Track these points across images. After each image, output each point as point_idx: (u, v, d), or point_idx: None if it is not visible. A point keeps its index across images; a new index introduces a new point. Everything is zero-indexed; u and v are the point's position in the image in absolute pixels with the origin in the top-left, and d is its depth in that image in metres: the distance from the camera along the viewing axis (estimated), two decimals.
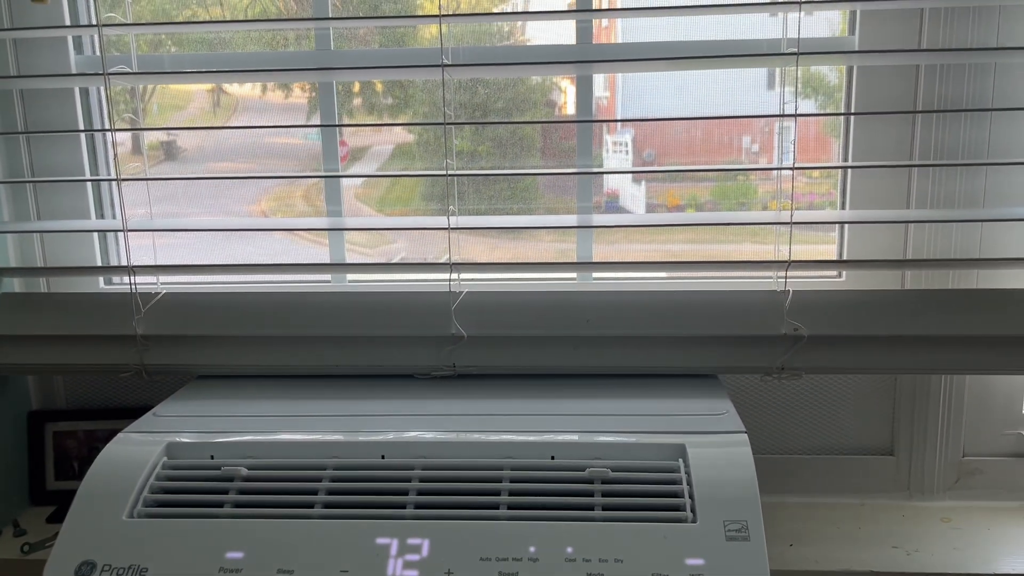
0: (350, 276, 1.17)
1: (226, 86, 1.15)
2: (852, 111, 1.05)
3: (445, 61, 0.98)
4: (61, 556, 0.76)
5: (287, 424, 0.90)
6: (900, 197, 1.06)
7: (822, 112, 1.08)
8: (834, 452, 1.14)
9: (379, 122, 1.14)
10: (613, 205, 1.15)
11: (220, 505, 0.79)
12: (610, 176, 1.13)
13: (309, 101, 1.14)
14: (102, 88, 1.12)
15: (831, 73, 1.08)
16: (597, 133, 1.11)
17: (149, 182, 1.11)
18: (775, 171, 1.09)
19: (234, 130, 1.14)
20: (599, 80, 1.09)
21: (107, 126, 1.11)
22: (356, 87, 1.13)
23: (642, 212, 1.14)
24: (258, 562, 0.74)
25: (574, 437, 0.86)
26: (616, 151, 1.14)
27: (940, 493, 1.12)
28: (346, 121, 1.13)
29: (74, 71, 1.10)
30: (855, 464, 1.13)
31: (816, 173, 1.11)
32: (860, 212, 1.06)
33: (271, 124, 1.14)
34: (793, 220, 0.99)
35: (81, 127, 1.11)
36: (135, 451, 0.85)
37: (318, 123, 1.13)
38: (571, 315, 1.02)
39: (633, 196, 1.15)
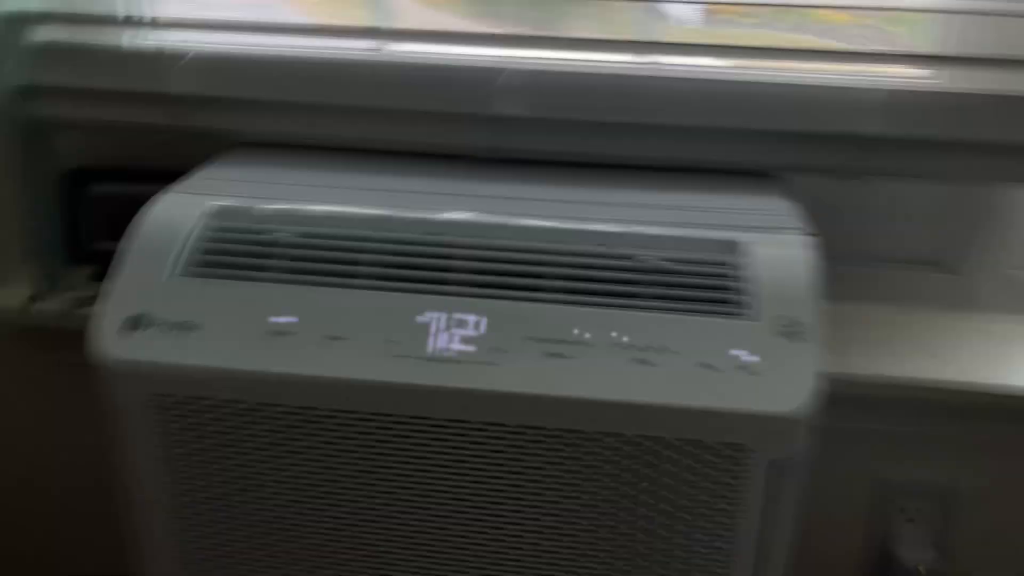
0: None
1: None
2: None
3: None
4: (109, 309, 0.76)
5: (330, 195, 0.87)
6: None
7: None
8: (885, 261, 1.10)
9: None
10: None
11: (266, 269, 0.78)
12: None
13: None
14: None
15: None
16: None
17: None
18: None
19: None
20: None
21: None
22: None
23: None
24: (308, 326, 0.74)
25: (623, 227, 0.82)
26: None
27: (995, 311, 1.08)
28: None
29: None
30: (907, 275, 1.09)
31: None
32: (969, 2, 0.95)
33: None
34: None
35: None
36: (179, 211, 0.83)
37: None
38: (627, 99, 0.95)
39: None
